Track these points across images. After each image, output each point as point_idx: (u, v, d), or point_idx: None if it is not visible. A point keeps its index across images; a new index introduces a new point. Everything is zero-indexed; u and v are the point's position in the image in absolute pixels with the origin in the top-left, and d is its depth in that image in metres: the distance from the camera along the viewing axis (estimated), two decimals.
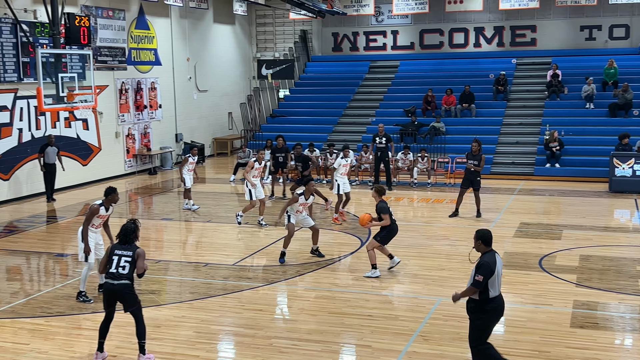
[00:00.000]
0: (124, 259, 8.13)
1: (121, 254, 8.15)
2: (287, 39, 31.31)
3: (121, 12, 22.49)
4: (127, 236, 8.26)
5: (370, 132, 24.15)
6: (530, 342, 8.78)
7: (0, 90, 18.10)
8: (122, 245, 8.24)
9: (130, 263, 8.12)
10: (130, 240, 8.27)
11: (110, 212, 10.35)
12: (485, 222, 15.69)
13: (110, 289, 8.10)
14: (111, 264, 8.14)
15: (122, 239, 8.27)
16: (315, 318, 9.72)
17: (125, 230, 8.29)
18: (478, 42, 28.52)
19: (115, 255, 8.16)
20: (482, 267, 7.15)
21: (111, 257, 8.17)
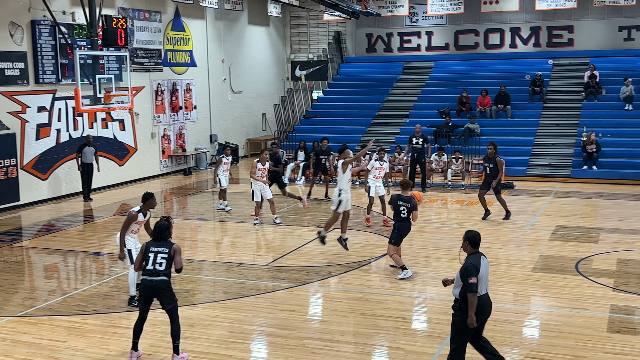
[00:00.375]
0: (161, 255, 8.18)
1: (157, 251, 8.21)
2: (321, 40, 31.35)
3: (157, 14, 22.75)
4: (161, 233, 8.31)
5: (404, 133, 24.06)
6: (566, 347, 8.66)
7: (39, 92, 18.44)
8: (157, 242, 8.29)
9: (167, 259, 8.17)
10: (165, 237, 8.32)
11: (148, 217, 10.31)
12: (520, 224, 15.53)
13: (149, 285, 8.17)
14: (147, 261, 8.20)
15: (157, 236, 8.33)
16: (347, 319, 9.71)
17: (160, 227, 8.34)
18: (514, 43, 28.23)
19: (151, 253, 8.21)
20: (468, 270, 7.21)
21: (147, 255, 8.23)
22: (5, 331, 9.34)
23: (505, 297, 10.60)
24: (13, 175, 17.63)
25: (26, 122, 18.07)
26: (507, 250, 13.34)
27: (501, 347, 8.65)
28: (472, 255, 7.40)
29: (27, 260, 13.44)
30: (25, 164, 18.12)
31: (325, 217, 16.42)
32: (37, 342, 8.95)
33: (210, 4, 23.34)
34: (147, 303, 8.30)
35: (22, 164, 18.02)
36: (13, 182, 17.64)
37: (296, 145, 23.12)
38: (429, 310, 10.24)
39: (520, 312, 10.07)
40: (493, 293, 10.57)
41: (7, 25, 17.42)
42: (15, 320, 9.79)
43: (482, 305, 7.31)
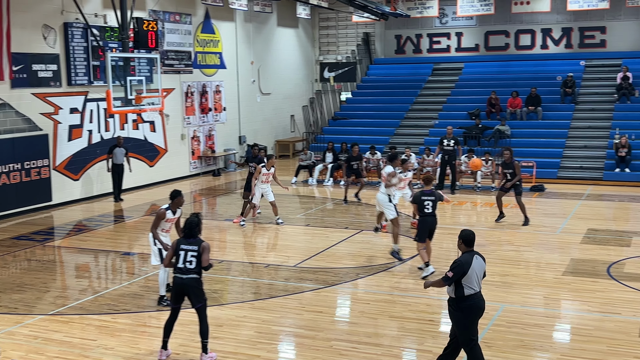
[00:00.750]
0: (190, 253, 8.22)
1: (187, 249, 8.25)
2: (350, 41, 31.33)
3: (188, 16, 22.94)
4: (192, 230, 8.34)
5: (432, 135, 23.96)
6: (597, 352, 8.54)
7: (72, 93, 18.70)
8: (188, 239, 8.32)
9: (197, 258, 8.21)
10: (195, 233, 8.35)
11: (178, 215, 10.36)
12: (550, 227, 15.36)
13: (180, 283, 8.22)
14: (178, 259, 8.26)
15: (187, 233, 8.36)
16: (375, 321, 9.69)
17: (190, 224, 8.37)
18: (545, 44, 27.93)
19: (182, 250, 8.26)
20: (455, 265, 7.36)
21: (178, 252, 8.28)
22: (37, 329, 9.48)
23: (535, 300, 10.49)
24: (46, 175, 17.91)
25: (59, 123, 18.34)
26: (537, 254, 13.20)
27: (530, 351, 8.58)
28: (465, 253, 7.48)
29: (59, 260, 13.63)
30: (58, 165, 18.39)
31: (352, 218, 16.43)
32: (68, 341, 9.06)
33: (240, 6, 23.47)
34: (178, 301, 8.35)
35: (55, 165, 18.28)
36: (46, 182, 17.92)
37: (324, 147, 23.13)
38: None
39: (551, 316, 9.96)
40: (523, 296, 10.54)
41: (41, 27, 17.70)
42: (47, 318, 9.94)
43: (476, 302, 7.38)
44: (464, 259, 7.38)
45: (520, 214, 15.65)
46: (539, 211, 17.36)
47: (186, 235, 8.37)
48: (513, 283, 11.30)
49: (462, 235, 7.56)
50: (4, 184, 16.77)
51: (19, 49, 17.01)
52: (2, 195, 16.72)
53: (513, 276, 11.69)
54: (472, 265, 7.33)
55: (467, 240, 7.51)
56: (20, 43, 17.05)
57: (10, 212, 16.98)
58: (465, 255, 7.45)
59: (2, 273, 12.39)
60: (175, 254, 8.31)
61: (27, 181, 17.37)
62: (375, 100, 28.24)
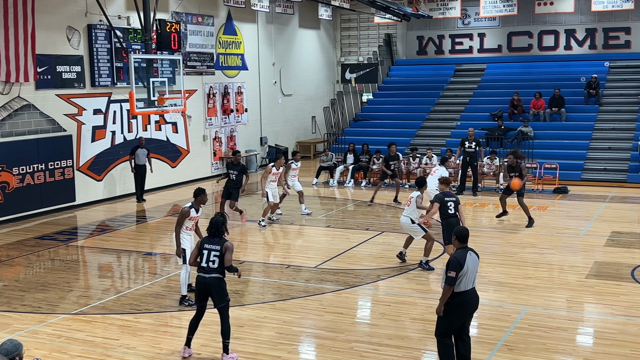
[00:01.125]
0: (213, 253, 8.27)
1: (210, 248, 8.29)
2: (372, 43, 31.29)
3: (210, 18, 23.05)
4: (217, 229, 8.38)
5: (454, 136, 23.84)
6: (621, 355, 8.44)
7: (95, 94, 18.87)
8: (212, 238, 8.36)
9: (219, 257, 8.26)
10: (220, 232, 8.39)
11: (199, 214, 10.48)
12: (574, 230, 15.21)
13: (202, 282, 8.28)
14: (202, 258, 8.31)
15: (213, 232, 8.39)
16: (396, 323, 9.65)
17: (215, 223, 8.41)
18: (569, 45, 27.67)
19: (205, 250, 8.31)
20: (451, 263, 7.36)
21: (202, 251, 8.34)
22: (60, 328, 9.57)
23: (558, 303, 10.40)
24: (69, 176, 18.09)
25: (82, 124, 18.52)
26: (560, 256, 13.08)
27: (553, 354, 8.51)
28: (459, 250, 7.50)
29: (82, 259, 13.76)
30: (81, 165, 18.57)
31: (373, 220, 16.39)
32: (91, 340, 9.14)
33: (262, 8, 23.54)
34: (202, 299, 8.39)
35: (78, 165, 18.46)
36: (69, 182, 18.10)
37: (345, 148, 23.13)
38: (479, 315, 10.09)
39: (574, 319, 9.86)
40: (545, 299, 10.45)
41: (65, 29, 17.89)
42: (70, 317, 10.03)
43: (467, 299, 7.41)
44: (458, 255, 7.40)
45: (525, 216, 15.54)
46: (562, 213, 17.21)
47: (211, 235, 8.41)
48: (536, 286, 11.20)
49: (456, 232, 7.64)
50: (29, 184, 16.97)
51: (44, 50, 17.21)
52: (27, 195, 16.91)
53: (536, 279, 11.60)
54: (467, 262, 7.36)
55: (460, 237, 7.54)
56: (45, 45, 17.25)
57: (34, 212, 17.17)
58: (459, 251, 7.48)
59: (26, 272, 12.54)
60: (200, 252, 8.36)
61: (51, 181, 17.56)
62: (396, 101, 28.17)
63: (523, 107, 24.44)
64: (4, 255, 13.70)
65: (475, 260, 7.49)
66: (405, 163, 21.71)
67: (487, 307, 10.36)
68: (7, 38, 16.13)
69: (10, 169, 16.52)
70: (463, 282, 7.34)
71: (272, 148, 26.24)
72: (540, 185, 20.26)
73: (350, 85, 30.02)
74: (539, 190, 20.01)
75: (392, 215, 16.95)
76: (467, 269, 7.35)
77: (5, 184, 16.44)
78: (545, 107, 24.22)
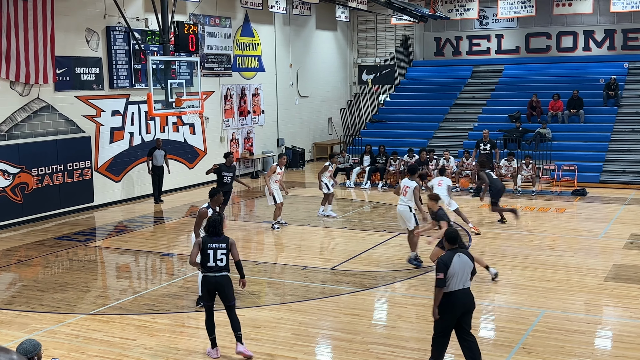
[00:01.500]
0: (220, 251, 8.35)
1: (216, 247, 8.36)
2: (389, 44, 31.24)
3: (227, 20, 23.14)
4: (216, 228, 8.44)
5: (472, 137, 23.74)
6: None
7: (114, 96, 19.00)
8: (213, 237, 8.42)
9: (226, 254, 8.37)
10: (220, 231, 8.47)
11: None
12: (592, 232, 15.10)
13: (213, 281, 8.35)
14: (208, 258, 8.35)
15: (212, 231, 8.44)
16: (413, 325, 9.63)
17: (214, 222, 8.49)
18: (587, 46, 27.48)
19: (210, 249, 8.35)
20: (438, 265, 7.55)
21: (206, 251, 8.37)
22: (78, 328, 9.64)
23: (576, 306, 10.32)
24: (88, 177, 18.22)
25: (101, 125, 18.65)
26: (579, 259, 12.98)
27: (571, 357, 8.44)
28: (448, 251, 7.64)
29: (100, 260, 13.85)
30: (100, 166, 18.70)
31: (390, 221, 16.34)
32: (109, 340, 9.20)
33: (279, 10, 23.59)
34: (212, 298, 8.48)
35: (97, 167, 18.60)
36: (88, 183, 18.23)
37: (362, 150, 23.11)
38: (497, 318, 10.06)
39: (592, 322, 9.78)
40: (564, 302, 10.38)
41: (84, 31, 18.03)
42: (88, 317, 10.10)
43: (454, 300, 7.51)
44: (445, 257, 7.58)
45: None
46: (581, 215, 17.09)
47: (211, 234, 8.46)
48: (554, 288, 11.13)
49: (446, 233, 7.80)
50: (47, 185, 17.11)
51: (63, 52, 17.35)
52: (46, 196, 17.06)
53: (554, 281, 11.52)
54: (453, 263, 7.48)
55: (450, 239, 7.70)
56: (64, 46, 17.40)
57: (53, 213, 17.32)
58: (447, 253, 7.64)
59: (45, 273, 12.64)
60: (203, 252, 8.39)
61: (70, 182, 17.70)
62: (413, 102, 28.10)
63: (541, 108, 24.29)
64: (23, 256, 13.83)
65: (465, 261, 7.57)
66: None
67: (504, 310, 10.31)
68: (26, 40, 16.30)
69: (30, 170, 16.67)
70: (452, 283, 7.49)
71: (289, 149, 26.28)
72: (559, 187, 20.12)
73: (367, 86, 29.98)
74: (557, 193, 19.87)
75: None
76: (455, 270, 7.48)
77: (24, 185, 16.59)
78: (564, 108, 24.05)
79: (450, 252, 7.61)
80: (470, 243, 13.99)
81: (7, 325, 9.82)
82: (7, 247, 14.48)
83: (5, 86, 16.19)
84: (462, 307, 7.58)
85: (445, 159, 21.25)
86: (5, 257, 13.71)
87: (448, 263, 7.47)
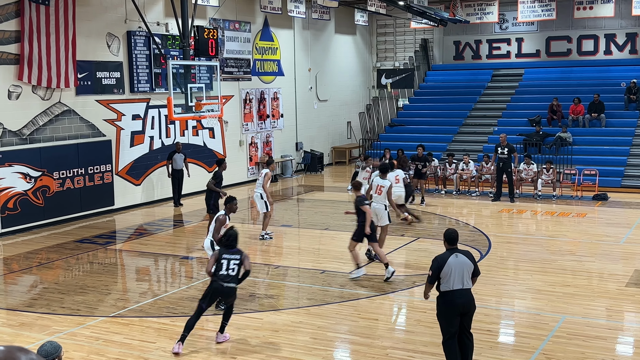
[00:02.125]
0: (233, 262, 8.87)
1: (230, 258, 8.89)
2: (408, 48, 31.19)
3: (247, 24, 23.22)
4: (233, 241, 8.98)
5: (492, 142, 23.61)
6: None
7: (134, 100, 19.14)
8: (230, 249, 8.95)
9: (238, 265, 8.84)
10: (235, 244, 8.98)
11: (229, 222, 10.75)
12: (614, 237, 14.95)
13: (219, 288, 8.84)
14: (221, 267, 8.84)
15: (229, 244, 8.97)
16: (431, 330, 9.57)
17: (231, 235, 9.03)
18: (609, 50, 27.25)
19: (224, 259, 8.88)
20: (432, 263, 7.77)
21: (220, 261, 8.87)
22: (98, 331, 9.71)
23: (597, 312, 10.22)
24: (108, 180, 18.36)
25: (121, 129, 18.79)
26: (600, 264, 12.85)
27: None
28: (446, 251, 7.80)
29: (120, 263, 13.95)
30: (120, 170, 18.84)
31: (409, 226, 16.29)
32: (128, 343, 9.25)
33: (298, 14, 23.64)
34: (211, 303, 9.02)
35: (117, 170, 18.73)
36: (108, 187, 18.37)
37: (381, 154, 23.04)
38: (517, 323, 9.98)
39: (613, 328, 9.68)
40: (584, 308, 10.28)
41: (105, 36, 18.19)
42: (108, 320, 10.17)
43: (452, 299, 7.63)
44: (440, 256, 7.74)
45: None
46: (602, 220, 16.92)
47: (228, 246, 8.97)
48: (574, 294, 11.03)
49: (445, 234, 7.91)
50: (69, 189, 17.27)
51: (84, 57, 17.52)
52: (67, 199, 17.21)
53: (574, 287, 11.42)
54: (449, 262, 7.62)
55: (448, 239, 7.85)
56: (85, 51, 17.56)
57: (74, 216, 17.47)
58: (445, 252, 7.79)
59: (66, 275, 12.75)
60: (218, 263, 8.89)
61: (91, 186, 17.85)
62: (432, 106, 28.02)
63: (562, 112, 24.11)
64: (44, 258, 13.97)
65: (462, 261, 7.67)
66: (442, 168, 21.55)
67: (524, 315, 10.23)
68: (48, 45, 16.48)
69: (51, 174, 16.83)
70: (448, 282, 7.62)
71: (308, 153, 26.30)
72: (580, 192, 19.95)
73: (386, 90, 29.96)
74: (578, 197, 19.70)
75: (428, 222, 16.85)
76: (450, 270, 7.59)
77: (46, 188, 16.76)
78: (585, 112, 23.86)
79: (447, 252, 7.75)
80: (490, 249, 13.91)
81: (28, 327, 9.91)
82: (29, 250, 14.63)
83: (28, 90, 16.37)
84: (461, 307, 7.66)
85: (464, 163, 21.15)
86: (26, 260, 13.85)
87: (442, 262, 7.63)
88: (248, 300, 10.70)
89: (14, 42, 15.93)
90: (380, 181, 13.22)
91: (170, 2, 17.16)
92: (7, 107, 15.92)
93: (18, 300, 11.31)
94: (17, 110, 16.13)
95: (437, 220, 16.60)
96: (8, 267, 13.43)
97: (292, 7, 23.00)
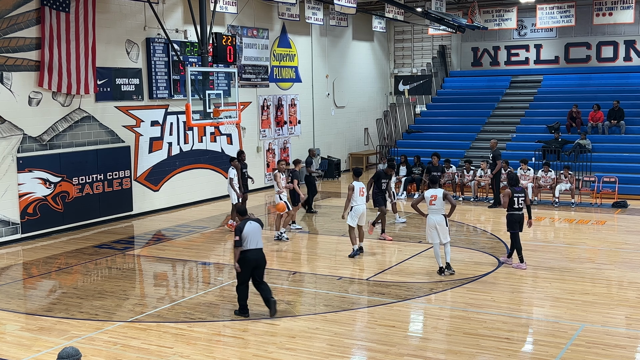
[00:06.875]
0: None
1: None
2: (425, 54, 31.16)
3: (265, 31, 23.32)
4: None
5: (510, 149, 23.51)
6: None
7: (153, 106, 19.27)
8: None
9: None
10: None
11: None
12: (634, 245, 14.81)
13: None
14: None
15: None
16: (449, 338, 9.54)
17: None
18: (628, 56, 27.03)
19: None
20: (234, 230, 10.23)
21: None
22: (116, 336, 9.76)
23: (617, 320, 10.12)
24: (127, 186, 18.48)
25: (140, 135, 18.92)
26: (620, 272, 12.73)
27: None
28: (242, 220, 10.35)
29: (138, 268, 14.02)
30: (139, 176, 18.95)
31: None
32: (146, 348, 9.29)
33: (316, 21, 23.69)
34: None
35: (136, 176, 18.85)
36: (127, 192, 18.49)
37: (398, 160, 23.02)
38: (535, 331, 9.91)
39: (633, 337, 9.58)
40: (604, 316, 10.19)
41: (124, 43, 18.34)
42: (126, 325, 10.22)
43: (250, 256, 10.14)
44: (240, 224, 10.21)
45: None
46: (622, 228, 16.77)
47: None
48: (594, 302, 10.93)
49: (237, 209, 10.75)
50: (88, 194, 17.41)
51: (104, 63, 17.68)
52: (86, 204, 17.34)
53: (594, 295, 11.32)
54: (246, 228, 10.13)
55: (240, 212, 10.56)
56: (105, 58, 17.72)
57: (93, 221, 17.60)
58: (242, 221, 10.26)
59: (84, 280, 12.84)
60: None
61: (110, 191, 17.98)
62: (450, 113, 27.94)
63: (581, 119, 23.95)
64: (63, 263, 14.08)
65: (255, 227, 10.24)
66: (459, 175, 21.48)
67: (543, 323, 10.16)
68: (68, 52, 16.64)
69: (71, 179, 16.98)
70: (246, 243, 10.09)
71: (325, 160, 26.31)
72: (599, 199, 19.78)
73: (404, 97, 29.93)
74: (597, 205, 19.53)
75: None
76: (248, 234, 10.10)
77: (65, 194, 16.90)
78: (604, 119, 23.68)
79: (244, 221, 10.23)
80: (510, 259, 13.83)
81: (47, 331, 9.99)
82: (48, 255, 14.76)
83: (48, 97, 16.54)
84: (254, 262, 10.17)
85: (482, 170, 21.06)
86: (45, 265, 13.97)
87: (242, 228, 10.11)
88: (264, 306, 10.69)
89: (35, 49, 16.12)
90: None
91: (189, 9, 17.28)
92: (28, 114, 16.10)
93: (37, 305, 11.41)
94: (37, 116, 16.30)
95: (455, 227, 16.51)
96: (27, 272, 13.55)
97: (310, 14, 23.05)
